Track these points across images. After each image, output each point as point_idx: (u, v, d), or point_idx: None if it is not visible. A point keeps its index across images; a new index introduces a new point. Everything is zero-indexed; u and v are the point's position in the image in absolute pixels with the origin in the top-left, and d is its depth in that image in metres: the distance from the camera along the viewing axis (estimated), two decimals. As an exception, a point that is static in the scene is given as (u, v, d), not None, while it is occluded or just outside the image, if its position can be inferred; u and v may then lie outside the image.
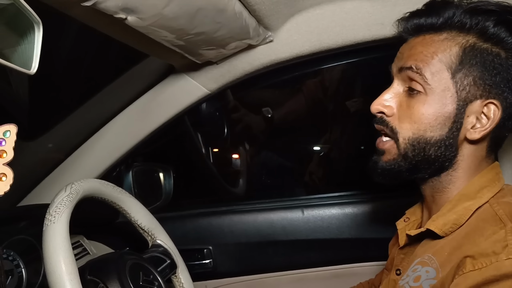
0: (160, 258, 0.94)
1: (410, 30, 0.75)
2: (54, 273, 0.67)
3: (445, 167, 0.72)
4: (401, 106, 0.73)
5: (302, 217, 1.27)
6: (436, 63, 0.69)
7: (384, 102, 0.74)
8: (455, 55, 0.69)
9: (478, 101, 0.69)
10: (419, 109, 0.70)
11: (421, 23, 0.73)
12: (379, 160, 0.75)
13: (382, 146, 0.75)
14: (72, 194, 0.74)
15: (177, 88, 1.10)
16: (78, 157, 1.19)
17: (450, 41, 0.70)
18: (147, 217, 0.96)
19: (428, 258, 0.70)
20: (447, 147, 0.71)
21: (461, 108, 0.69)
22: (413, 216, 0.85)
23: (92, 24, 0.74)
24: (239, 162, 1.68)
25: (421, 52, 0.71)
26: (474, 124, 0.70)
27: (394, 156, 0.73)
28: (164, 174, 1.44)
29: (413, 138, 0.71)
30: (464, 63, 0.69)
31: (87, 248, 1.16)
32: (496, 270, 0.59)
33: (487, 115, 0.69)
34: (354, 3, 0.95)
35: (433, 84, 0.69)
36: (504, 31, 0.68)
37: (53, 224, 0.69)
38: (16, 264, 0.95)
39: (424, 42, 0.72)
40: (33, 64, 0.58)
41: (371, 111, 0.75)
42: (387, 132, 0.74)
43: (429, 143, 0.71)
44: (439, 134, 0.70)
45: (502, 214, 0.65)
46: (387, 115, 0.74)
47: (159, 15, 0.69)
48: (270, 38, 0.99)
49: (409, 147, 0.72)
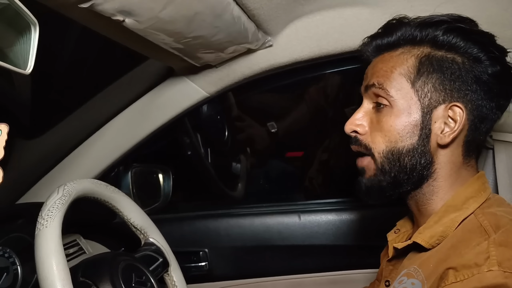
0: (152, 257, 0.94)
1: (371, 51, 0.80)
2: (46, 279, 0.67)
3: (424, 176, 0.73)
4: (371, 122, 0.76)
5: (298, 222, 1.27)
6: (396, 76, 0.73)
7: (356, 121, 0.77)
8: (412, 66, 0.73)
9: (442, 105, 0.71)
10: (387, 122, 0.73)
11: (379, 43, 0.79)
12: (362, 179, 0.78)
13: (361, 163, 0.78)
14: (65, 196, 0.74)
15: (176, 90, 1.11)
16: (77, 157, 1.20)
17: (406, 55, 0.74)
18: (140, 215, 0.96)
19: (414, 270, 0.70)
20: (421, 155, 0.72)
21: (426, 115, 0.71)
22: (403, 227, 0.85)
23: (91, 26, 0.75)
24: (238, 165, 1.69)
25: (381, 68, 0.75)
26: (442, 129, 0.71)
27: (374, 172, 0.75)
28: (163, 176, 1.45)
29: (386, 151, 0.73)
30: (421, 72, 0.72)
31: (84, 247, 1.16)
32: (477, 282, 0.59)
33: (454, 118, 0.71)
34: (354, 10, 0.95)
35: (396, 96, 0.72)
36: (454, 37, 0.72)
37: (45, 229, 0.69)
38: (12, 261, 0.96)
39: (384, 59, 0.76)
40: (28, 64, 0.59)
41: (345, 132, 0.78)
42: (362, 150, 0.77)
43: (402, 153, 0.72)
44: (410, 143, 0.72)
45: (487, 225, 0.65)
46: (360, 134, 0.77)
47: (156, 18, 0.69)
48: (270, 42, 0.99)
49: (384, 160, 0.74)
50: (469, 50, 0.71)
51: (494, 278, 0.58)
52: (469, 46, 0.71)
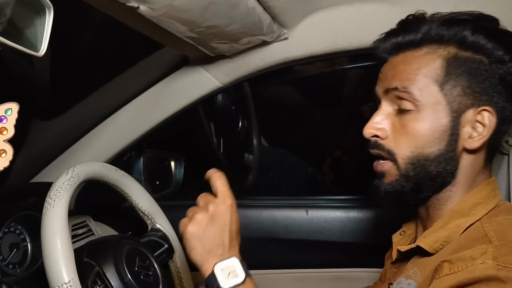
0: (157, 243, 0.96)
1: (389, 49, 0.75)
2: (50, 257, 0.68)
3: (446, 182, 0.71)
4: (394, 126, 0.72)
5: (306, 217, 1.27)
6: (422, 79, 0.69)
7: (377, 125, 0.73)
8: (439, 67, 0.69)
9: (471, 110, 0.69)
10: (414, 127, 0.70)
11: (399, 41, 0.74)
12: (381, 183, 0.74)
13: (382, 168, 0.74)
14: (74, 177, 0.76)
15: (190, 79, 1.11)
16: (90, 139, 1.21)
17: (431, 55, 0.70)
18: (148, 201, 0.98)
19: (412, 272, 0.69)
20: (448, 161, 0.70)
21: (455, 120, 0.69)
22: (409, 230, 0.84)
23: (107, 12, 0.75)
24: (250, 156, 1.69)
25: (404, 70, 0.71)
26: (470, 133, 0.69)
27: (396, 177, 0.72)
28: (175, 163, 1.46)
29: (412, 157, 0.70)
30: (450, 74, 0.69)
31: (93, 229, 1.19)
32: (470, 273, 0.58)
33: (482, 123, 0.69)
34: (372, 6, 0.93)
35: (423, 100, 0.69)
36: (482, 38, 0.68)
37: (52, 208, 0.71)
38: (23, 238, 0.99)
39: (406, 60, 0.72)
40: (42, 46, 0.60)
41: (364, 136, 0.74)
42: (384, 155, 0.73)
43: (429, 159, 0.70)
44: (438, 149, 0.69)
45: (493, 235, 0.63)
46: (381, 138, 0.73)
47: (170, 6, 0.69)
48: (285, 35, 0.99)
49: (409, 166, 0.70)
50: (495, 51, 0.69)
51: (486, 270, 0.57)
52: (495, 46, 0.69)
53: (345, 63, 1.37)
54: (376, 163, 0.75)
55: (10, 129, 0.55)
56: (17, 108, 0.56)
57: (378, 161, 0.75)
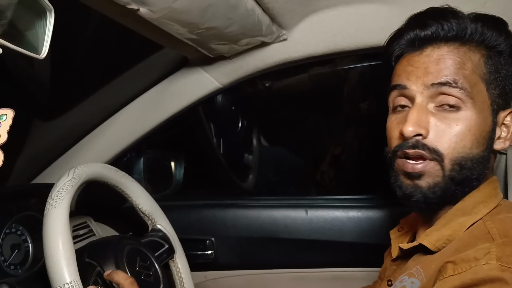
0: (158, 243, 0.96)
1: (424, 39, 0.70)
2: (52, 258, 0.69)
3: (475, 185, 0.69)
4: (436, 125, 0.67)
5: (305, 217, 1.27)
6: (472, 76, 0.67)
7: (420, 122, 0.67)
8: (483, 66, 0.68)
9: (503, 111, 0.70)
10: (463, 125, 0.66)
11: (440, 33, 0.69)
12: (419, 186, 0.68)
13: (423, 168, 0.67)
14: (75, 179, 0.77)
15: (190, 80, 1.12)
16: (91, 140, 1.22)
17: (475, 53, 0.68)
18: (149, 201, 0.98)
19: (415, 270, 0.69)
20: (486, 161, 0.69)
21: (495, 119, 0.69)
22: (407, 226, 0.84)
23: (107, 13, 0.76)
24: (250, 156, 1.70)
25: (453, 65, 0.67)
26: (499, 134, 0.70)
27: (438, 179, 0.67)
28: (175, 163, 1.47)
29: (460, 157, 0.66)
30: (493, 73, 0.69)
31: (94, 229, 1.19)
32: (474, 274, 0.57)
33: (507, 125, 0.70)
34: (371, 7, 0.94)
35: (474, 98, 0.67)
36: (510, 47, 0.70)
37: (54, 209, 0.72)
38: (24, 239, 0.99)
39: (453, 54, 0.68)
40: (43, 49, 0.60)
41: (406, 135, 0.67)
42: (427, 155, 0.67)
43: (475, 160, 0.67)
44: (483, 149, 0.68)
45: (495, 233, 0.63)
46: (424, 136, 0.67)
47: (170, 8, 0.70)
48: (284, 36, 0.99)
49: (456, 168, 0.67)
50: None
51: (490, 271, 0.56)
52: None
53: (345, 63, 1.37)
54: (414, 165, 0.68)
55: (3, 135, 0.55)
56: (12, 115, 0.56)
57: (416, 162, 0.68)
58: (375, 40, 0.97)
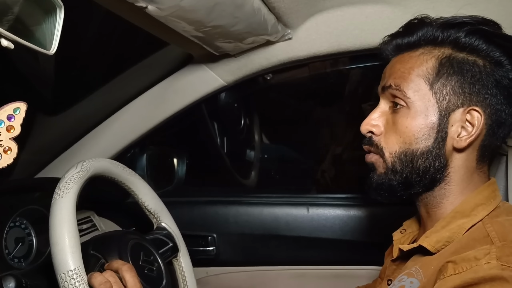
0: (162, 241, 0.97)
1: (390, 50, 0.79)
2: (57, 245, 0.70)
3: (437, 179, 0.73)
4: (387, 123, 0.76)
5: (306, 215, 1.28)
6: (414, 78, 0.72)
7: (372, 121, 0.77)
8: (431, 67, 0.72)
9: (460, 109, 0.70)
10: (403, 123, 0.73)
11: (399, 42, 0.77)
12: (373, 176, 0.77)
13: (369, 159, 0.78)
14: (82, 171, 0.77)
15: (195, 77, 1.12)
16: (95, 136, 1.23)
17: (426, 55, 0.73)
18: (154, 200, 0.99)
19: (415, 270, 0.70)
20: (435, 158, 0.71)
21: (444, 118, 0.70)
22: (409, 228, 0.85)
23: (114, 10, 0.77)
24: (252, 154, 1.70)
25: (399, 69, 0.74)
26: (459, 132, 0.71)
27: (384, 170, 0.75)
28: (178, 160, 1.48)
29: (399, 152, 0.73)
30: (441, 73, 0.71)
31: (97, 224, 1.20)
32: (474, 273, 0.59)
33: (471, 122, 0.70)
34: (375, 8, 0.95)
35: (413, 98, 0.72)
36: (476, 40, 0.70)
37: (61, 199, 0.73)
38: (28, 232, 1.00)
39: (402, 60, 0.75)
40: (53, 45, 0.61)
41: (361, 132, 0.78)
42: (373, 150, 0.77)
43: (416, 155, 0.72)
44: (425, 146, 0.71)
45: (494, 236, 0.64)
46: (375, 134, 0.76)
47: (177, 6, 0.71)
48: (289, 35, 1.00)
49: (396, 161, 0.74)
50: (491, 54, 0.70)
51: (490, 269, 0.58)
52: (491, 49, 0.70)
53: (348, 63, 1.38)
54: (366, 156, 0.79)
55: (17, 127, 0.57)
56: (25, 108, 0.57)
57: (367, 154, 0.78)
58: (378, 40, 0.97)
